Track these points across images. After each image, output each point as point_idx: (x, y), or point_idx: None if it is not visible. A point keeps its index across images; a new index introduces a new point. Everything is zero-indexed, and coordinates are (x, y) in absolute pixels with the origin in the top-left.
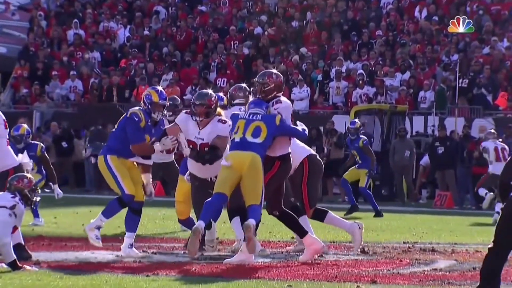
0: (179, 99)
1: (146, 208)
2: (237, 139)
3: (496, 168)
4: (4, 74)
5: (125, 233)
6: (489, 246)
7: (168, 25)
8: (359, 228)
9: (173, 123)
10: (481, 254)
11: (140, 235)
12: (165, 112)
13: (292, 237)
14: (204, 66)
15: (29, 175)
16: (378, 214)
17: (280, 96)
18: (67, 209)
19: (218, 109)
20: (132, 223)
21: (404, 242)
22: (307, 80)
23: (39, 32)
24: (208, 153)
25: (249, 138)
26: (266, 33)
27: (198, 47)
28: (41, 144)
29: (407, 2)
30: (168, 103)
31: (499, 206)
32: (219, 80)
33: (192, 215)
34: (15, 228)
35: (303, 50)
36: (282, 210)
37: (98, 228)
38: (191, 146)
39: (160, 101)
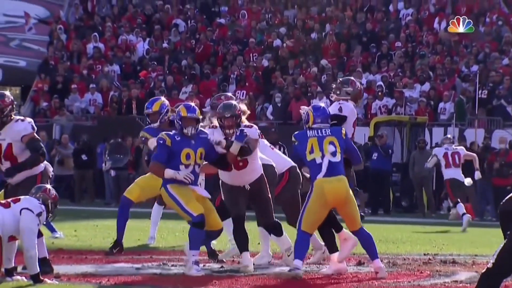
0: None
1: (166, 221)
2: (318, 160)
3: (448, 173)
4: (24, 88)
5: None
6: (489, 266)
7: (187, 37)
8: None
9: None
10: None
11: (160, 248)
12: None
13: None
14: (223, 78)
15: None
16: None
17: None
18: (88, 222)
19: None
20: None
21: (424, 254)
22: (327, 92)
23: (58, 46)
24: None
25: (331, 158)
26: (284, 45)
27: (217, 60)
28: None
29: (426, 13)
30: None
31: (461, 208)
32: (238, 93)
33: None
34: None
35: (323, 62)
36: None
37: (197, 263)
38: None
39: (188, 115)
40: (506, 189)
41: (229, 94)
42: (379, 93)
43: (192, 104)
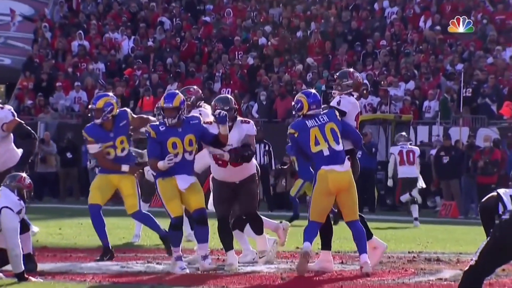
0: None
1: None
2: (325, 152)
3: (402, 171)
4: (9, 86)
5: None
6: (471, 263)
7: (173, 35)
8: (283, 228)
9: None
10: None
11: (144, 246)
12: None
13: (297, 247)
14: (209, 76)
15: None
16: (294, 218)
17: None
18: (72, 220)
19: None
20: (175, 238)
21: (409, 252)
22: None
23: (43, 44)
24: (246, 150)
25: (335, 146)
26: (269, 43)
27: (203, 58)
28: None
29: (411, 12)
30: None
31: (415, 210)
32: (223, 91)
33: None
34: None
35: (308, 60)
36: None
37: (179, 258)
38: (218, 155)
39: (164, 105)
40: (490, 187)
41: (195, 87)
42: (364, 91)
43: (173, 90)
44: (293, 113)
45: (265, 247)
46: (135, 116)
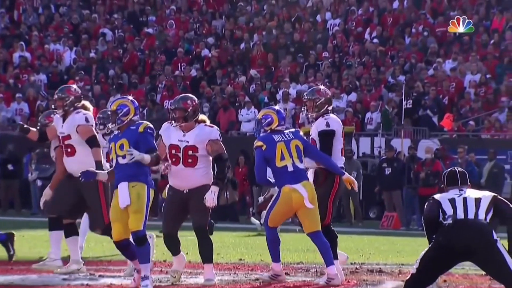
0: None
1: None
2: (290, 168)
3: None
4: None
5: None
6: (412, 272)
7: (115, 47)
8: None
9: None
10: None
11: (87, 258)
12: (100, 126)
13: (240, 259)
14: (152, 88)
15: None
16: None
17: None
18: (14, 232)
19: (202, 116)
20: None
21: (351, 263)
22: (255, 102)
23: None
24: (222, 169)
25: (298, 164)
26: (210, 55)
27: (145, 69)
28: None
29: (353, 24)
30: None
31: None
32: (166, 102)
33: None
34: None
35: (252, 72)
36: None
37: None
38: (173, 151)
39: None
40: None
41: (75, 86)
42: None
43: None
44: (256, 127)
45: (181, 267)
46: None
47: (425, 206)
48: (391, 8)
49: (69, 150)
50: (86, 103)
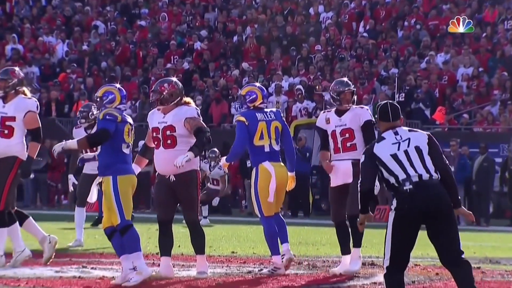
0: (94, 106)
1: (87, 224)
2: (266, 148)
3: None
4: None
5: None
6: (386, 265)
7: (107, 39)
8: (50, 242)
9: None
10: (420, 268)
11: (79, 251)
12: (81, 120)
13: (232, 252)
14: (144, 80)
15: None
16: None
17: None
18: None
19: (187, 98)
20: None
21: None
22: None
23: None
24: (202, 134)
25: (275, 146)
26: (200, 47)
27: (138, 62)
28: None
29: (346, 17)
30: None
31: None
32: None
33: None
34: None
35: (244, 65)
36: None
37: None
38: (154, 134)
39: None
40: None
41: (17, 68)
42: (299, 96)
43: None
44: (239, 103)
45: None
46: None
47: (361, 165)
48: (384, 1)
49: (6, 131)
50: (26, 90)
